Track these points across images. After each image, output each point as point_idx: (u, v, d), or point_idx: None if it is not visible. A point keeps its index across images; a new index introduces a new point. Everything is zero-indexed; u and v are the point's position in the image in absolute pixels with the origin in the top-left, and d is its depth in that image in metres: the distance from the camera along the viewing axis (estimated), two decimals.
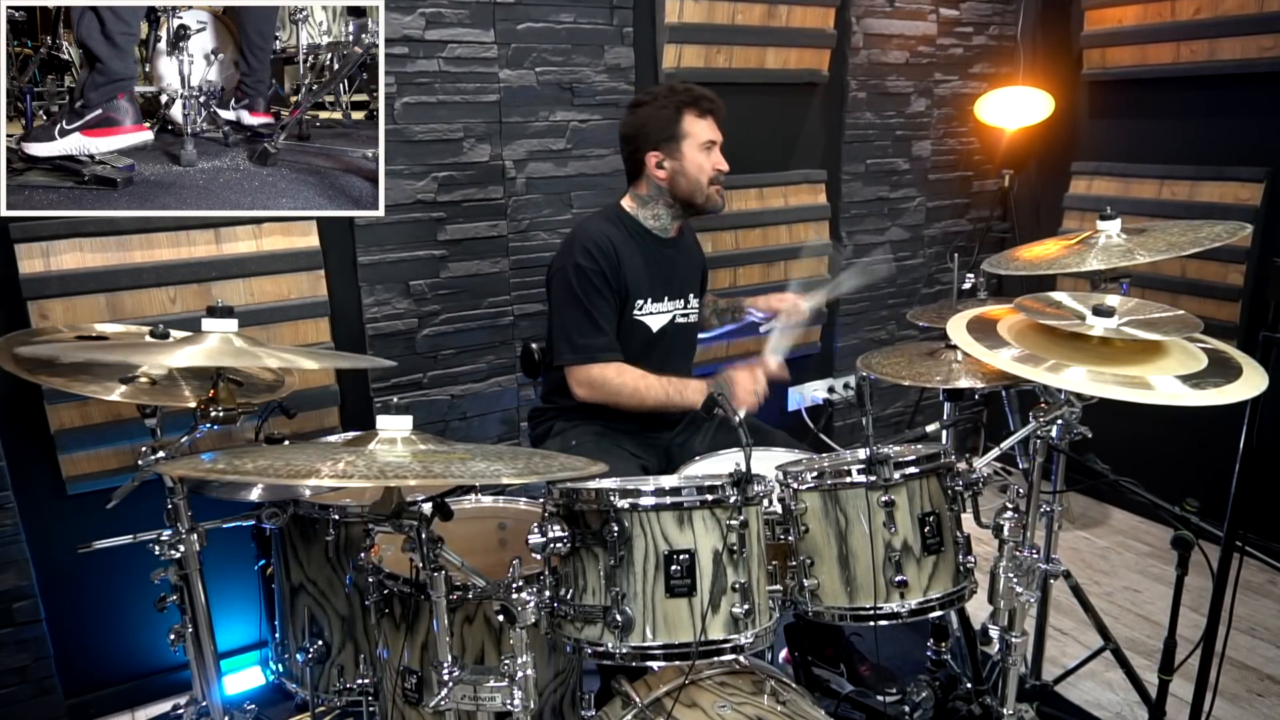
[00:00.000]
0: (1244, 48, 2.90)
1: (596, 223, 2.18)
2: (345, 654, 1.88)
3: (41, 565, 2.22)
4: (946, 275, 3.67)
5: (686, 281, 2.29)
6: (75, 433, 2.18)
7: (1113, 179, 3.35)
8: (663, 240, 2.24)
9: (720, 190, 2.19)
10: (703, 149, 2.14)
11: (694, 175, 2.14)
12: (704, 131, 2.13)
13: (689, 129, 2.13)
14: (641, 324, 2.19)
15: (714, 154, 2.16)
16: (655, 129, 2.13)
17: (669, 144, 2.13)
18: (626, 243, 2.16)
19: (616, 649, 1.37)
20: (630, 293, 2.15)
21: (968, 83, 3.55)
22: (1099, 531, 3.32)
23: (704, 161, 2.14)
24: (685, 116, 2.12)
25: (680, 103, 2.13)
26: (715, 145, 2.16)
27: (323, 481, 1.13)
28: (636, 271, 2.15)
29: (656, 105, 2.14)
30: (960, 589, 1.55)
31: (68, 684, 2.31)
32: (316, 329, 2.45)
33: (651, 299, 2.19)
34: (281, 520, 1.82)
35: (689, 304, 2.29)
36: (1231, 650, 2.52)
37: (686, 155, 2.13)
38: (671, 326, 2.25)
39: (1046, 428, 1.74)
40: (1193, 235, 1.84)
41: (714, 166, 2.16)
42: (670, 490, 1.38)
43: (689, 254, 2.34)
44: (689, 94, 2.14)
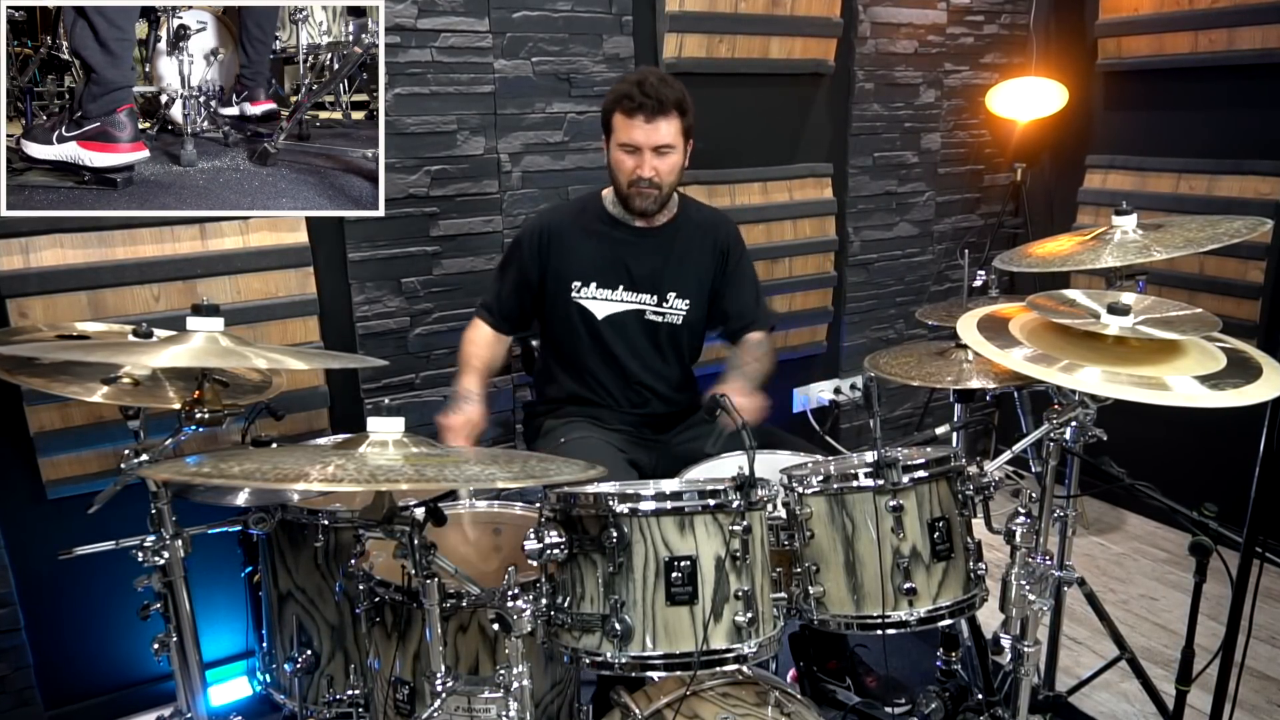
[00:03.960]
0: (1264, 37, 2.90)
1: (560, 205, 2.34)
2: (335, 664, 1.88)
3: (20, 572, 2.22)
4: (956, 272, 3.67)
5: (662, 277, 2.25)
6: (56, 435, 2.17)
7: (1128, 173, 3.36)
8: (633, 228, 2.23)
9: (644, 195, 2.13)
10: (622, 149, 2.10)
11: (613, 170, 2.16)
12: (624, 132, 2.08)
13: (615, 124, 2.11)
14: (581, 308, 2.23)
15: (637, 158, 2.09)
16: (603, 114, 2.15)
17: (606, 135, 2.15)
18: (577, 226, 2.23)
19: (615, 659, 1.37)
20: (565, 274, 2.21)
21: (979, 73, 3.55)
22: (1114, 537, 3.32)
23: (621, 160, 2.12)
24: (615, 112, 2.10)
25: (616, 95, 2.10)
26: (640, 149, 2.08)
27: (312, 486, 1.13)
28: (578, 254, 2.22)
29: (611, 91, 2.14)
30: (971, 597, 1.55)
31: (47, 695, 2.31)
32: (305, 328, 2.45)
33: (597, 284, 2.21)
34: (269, 526, 1.81)
35: (665, 301, 2.25)
36: (1251, 660, 2.52)
37: (611, 151, 2.14)
38: (629, 319, 2.24)
39: (1060, 430, 1.74)
40: (1211, 231, 1.84)
41: (634, 170, 2.10)
42: (671, 495, 1.38)
43: (680, 248, 2.26)
44: (624, 90, 2.07)
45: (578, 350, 2.26)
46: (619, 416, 2.27)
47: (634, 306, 2.24)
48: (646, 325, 2.26)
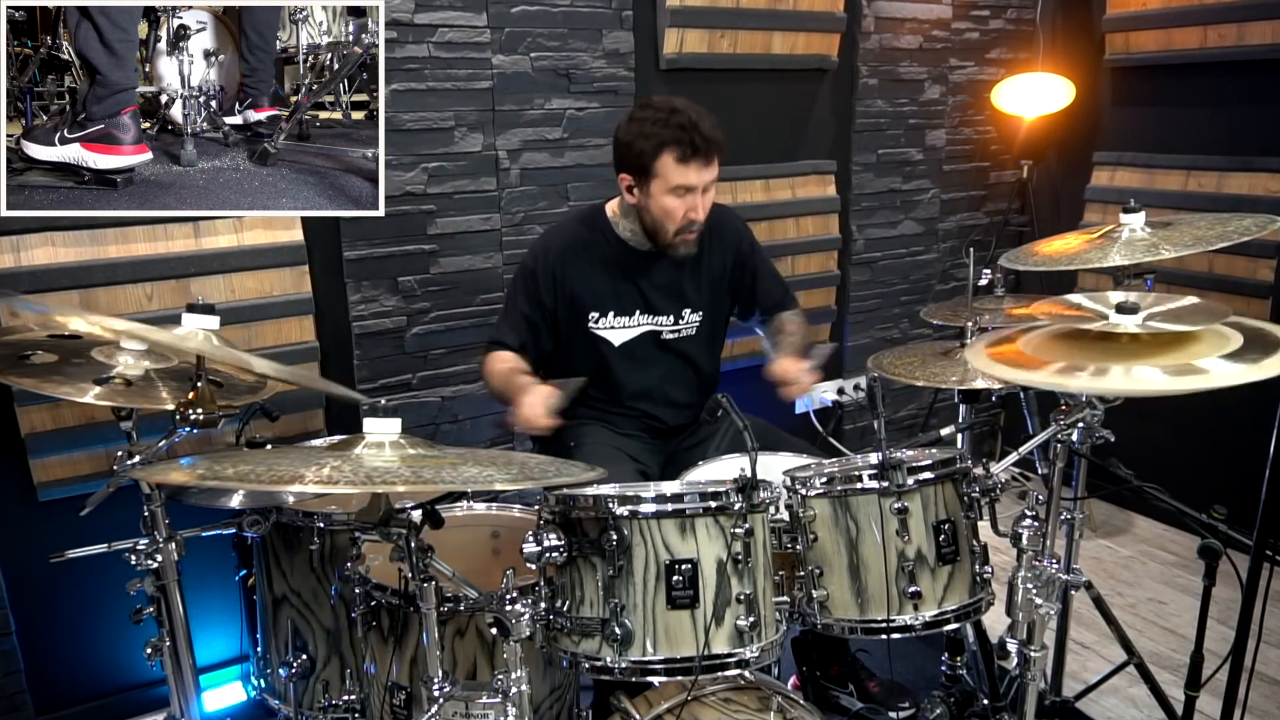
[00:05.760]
0: (1275, 31, 2.90)
1: (570, 224, 2.24)
2: (330, 669, 1.88)
3: (11, 575, 2.22)
4: (962, 271, 3.66)
5: (677, 296, 2.21)
6: (47, 436, 2.17)
7: (1136, 170, 3.35)
8: (642, 252, 2.17)
9: (689, 240, 2.08)
10: (673, 193, 2.00)
11: (658, 217, 2.05)
12: (677, 176, 1.98)
13: (661, 170, 1.98)
14: (600, 338, 2.17)
15: (690, 199, 2.01)
16: (632, 154, 2.01)
17: (641, 175, 2.02)
18: (590, 253, 2.15)
19: (615, 663, 1.37)
20: (581, 305, 2.14)
21: (984, 69, 3.55)
22: (1122, 540, 3.32)
23: (672, 207, 2.02)
24: (663, 155, 1.97)
25: (664, 140, 1.96)
26: (694, 191, 2.01)
27: (307, 487, 1.13)
28: (594, 284, 2.14)
29: (645, 127, 1.99)
30: (976, 600, 1.55)
31: (39, 700, 2.31)
32: (300, 327, 2.45)
33: (614, 313, 2.16)
34: (263, 528, 1.82)
35: (680, 319, 2.22)
36: (1261, 665, 2.51)
37: (654, 195, 2.02)
38: (647, 340, 2.20)
39: (1067, 431, 1.74)
40: (1220, 229, 1.84)
41: (686, 214, 2.03)
42: (672, 497, 1.38)
43: (693, 264, 2.20)
44: (679, 131, 1.95)
45: (591, 372, 2.18)
46: (632, 423, 2.26)
47: (650, 329, 2.21)
48: (662, 344, 2.23)
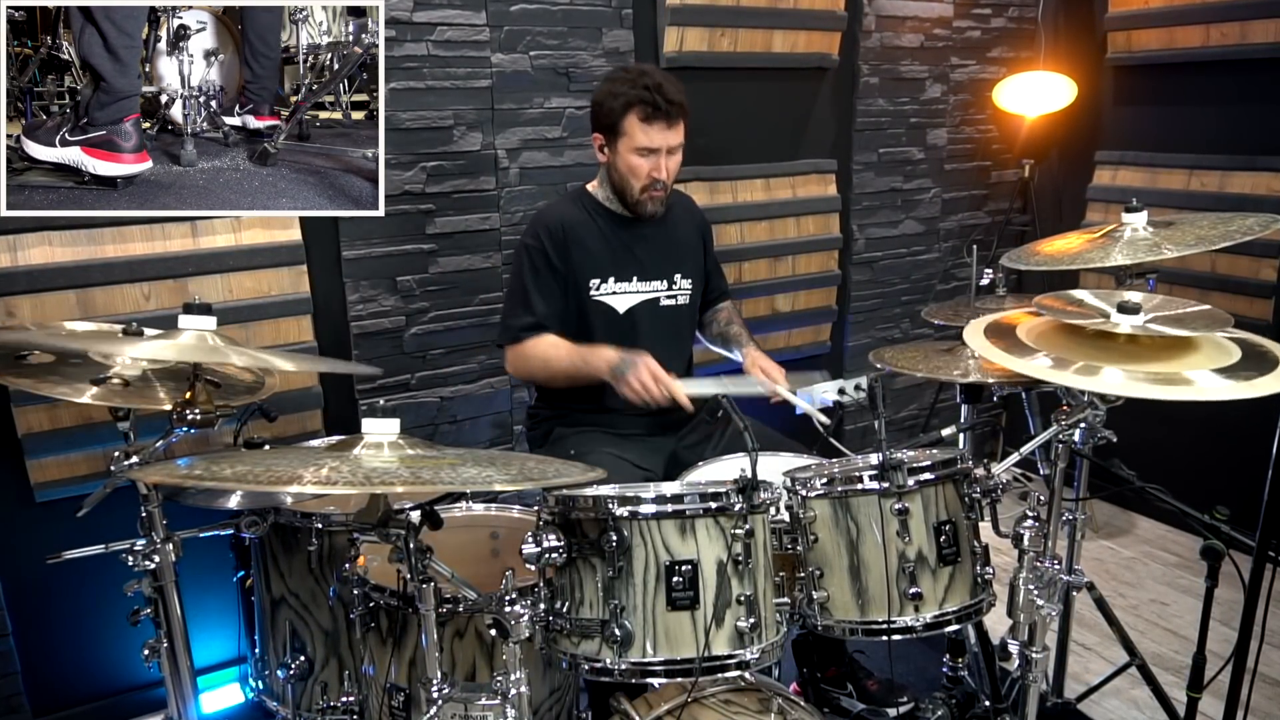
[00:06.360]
0: (1277, 30, 2.89)
1: (556, 203, 2.33)
2: (329, 670, 1.88)
3: (8, 576, 2.22)
4: (963, 271, 3.67)
5: (668, 261, 2.29)
6: (44, 437, 2.17)
7: (1139, 169, 3.35)
8: (629, 219, 2.24)
9: (655, 198, 2.16)
10: (637, 153, 2.11)
11: (624, 174, 2.15)
12: (641, 137, 2.08)
13: (628, 128, 2.09)
14: (604, 305, 2.22)
15: (653, 160, 2.11)
16: (604, 113, 2.12)
17: (610, 134, 2.13)
18: (583, 223, 2.22)
19: (615, 665, 1.37)
20: (583, 273, 2.19)
21: (986, 67, 3.55)
22: (1124, 541, 3.32)
23: (637, 165, 2.12)
24: (629, 115, 2.08)
25: (630, 100, 2.07)
26: (658, 152, 2.11)
27: (305, 488, 1.13)
28: (592, 251, 2.20)
29: (616, 87, 2.10)
30: (978, 602, 1.55)
31: (36, 702, 2.31)
32: (298, 327, 2.45)
33: (615, 279, 2.22)
34: (261, 529, 1.82)
35: (674, 285, 2.29)
36: (1264, 666, 2.51)
37: (620, 153, 2.13)
38: (647, 309, 2.26)
39: (1069, 431, 1.74)
40: (1223, 228, 1.84)
41: (650, 173, 2.13)
42: (672, 498, 1.38)
43: (674, 232, 2.32)
44: (644, 92, 2.06)
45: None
46: (633, 420, 2.25)
47: (649, 295, 2.26)
48: (663, 311, 2.29)
